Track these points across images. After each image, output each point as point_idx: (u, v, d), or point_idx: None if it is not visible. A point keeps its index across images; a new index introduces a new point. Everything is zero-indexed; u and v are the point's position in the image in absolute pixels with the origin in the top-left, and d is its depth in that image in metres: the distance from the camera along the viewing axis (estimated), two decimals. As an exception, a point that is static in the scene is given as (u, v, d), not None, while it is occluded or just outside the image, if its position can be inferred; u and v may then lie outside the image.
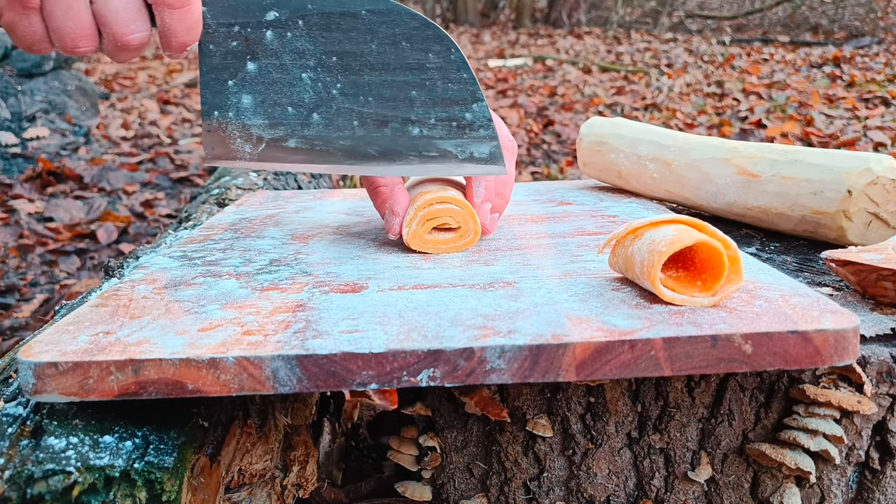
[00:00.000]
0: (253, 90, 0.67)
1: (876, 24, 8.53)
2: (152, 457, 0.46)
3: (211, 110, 0.67)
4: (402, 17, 0.65)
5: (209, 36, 0.65)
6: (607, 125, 1.04)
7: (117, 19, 0.61)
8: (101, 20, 0.61)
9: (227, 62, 0.66)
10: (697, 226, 0.54)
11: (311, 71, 0.66)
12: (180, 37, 0.63)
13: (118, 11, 0.60)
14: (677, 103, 4.58)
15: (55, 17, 0.60)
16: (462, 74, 0.66)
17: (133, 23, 0.61)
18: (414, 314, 0.52)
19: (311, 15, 0.65)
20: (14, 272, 2.01)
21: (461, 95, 0.66)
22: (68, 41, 0.61)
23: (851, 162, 0.74)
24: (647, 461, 0.62)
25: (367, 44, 0.65)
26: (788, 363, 0.46)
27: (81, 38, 0.61)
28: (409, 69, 0.66)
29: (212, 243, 0.76)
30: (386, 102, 0.67)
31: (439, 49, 0.65)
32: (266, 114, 0.67)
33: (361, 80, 0.66)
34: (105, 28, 0.61)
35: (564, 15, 10.83)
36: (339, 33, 0.65)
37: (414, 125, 0.67)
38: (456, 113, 0.67)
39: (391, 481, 0.74)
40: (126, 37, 0.61)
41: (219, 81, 0.67)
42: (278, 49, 0.66)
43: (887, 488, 0.59)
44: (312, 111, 0.67)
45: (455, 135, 0.67)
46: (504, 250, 0.70)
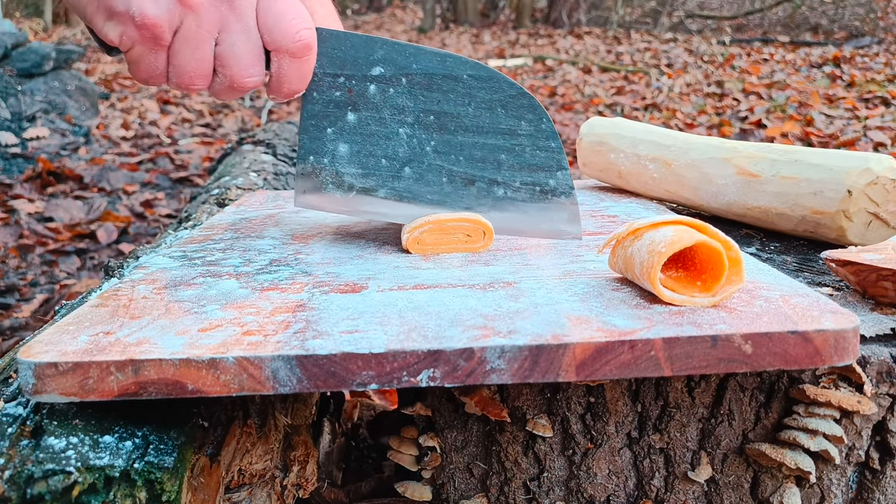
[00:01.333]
0: (350, 140, 0.70)
1: (876, 24, 8.53)
2: (152, 457, 0.46)
3: (307, 154, 0.70)
4: (501, 85, 0.68)
5: (314, 84, 0.68)
6: (607, 125, 1.04)
7: (238, 62, 0.63)
8: (221, 62, 0.63)
9: (328, 110, 0.69)
10: (698, 227, 0.53)
11: (409, 127, 0.69)
12: (293, 84, 0.65)
13: (241, 56, 0.63)
14: (677, 103, 4.58)
15: (180, 56, 0.62)
16: (550, 143, 0.69)
17: (252, 67, 0.63)
18: (414, 314, 0.52)
19: (415, 74, 0.68)
20: (14, 272, 2.01)
21: (547, 163, 0.70)
22: (186, 79, 0.63)
23: (851, 162, 0.74)
24: (647, 461, 0.62)
25: (465, 106, 0.69)
26: (788, 363, 0.46)
27: (199, 77, 0.63)
28: (501, 134, 0.69)
29: (212, 243, 0.76)
30: (475, 163, 0.70)
31: (532, 118, 0.69)
32: (360, 163, 0.70)
33: (455, 140, 0.69)
34: (224, 70, 0.63)
35: (564, 15, 10.83)
36: (439, 94, 0.68)
37: (499, 186, 0.70)
38: (540, 178, 0.70)
39: (391, 481, 0.74)
40: (243, 80, 0.63)
41: (318, 128, 0.69)
42: (379, 103, 0.69)
43: (887, 488, 0.59)
44: (405, 165, 0.70)
45: (537, 199, 0.71)
46: (504, 250, 0.70)
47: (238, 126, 4.25)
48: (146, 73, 0.64)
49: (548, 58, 7.16)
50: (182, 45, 0.62)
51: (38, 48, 4.15)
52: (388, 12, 14.72)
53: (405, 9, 14.97)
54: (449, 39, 9.98)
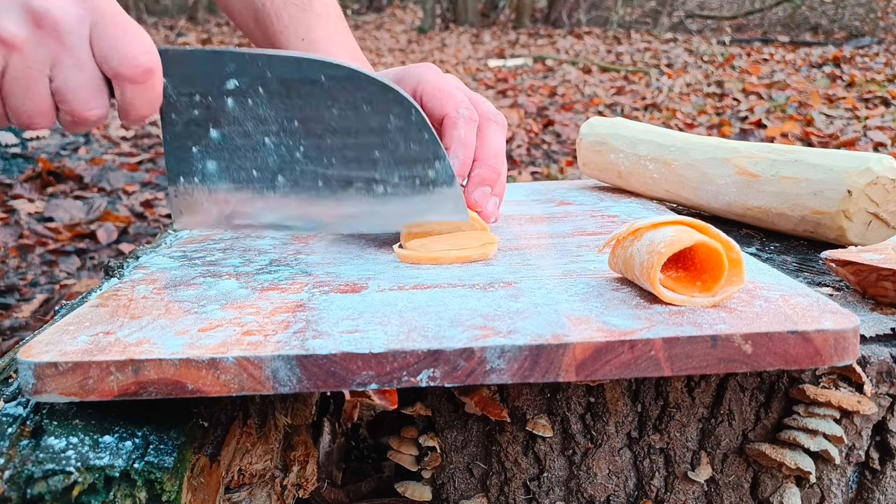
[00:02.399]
0: (217, 156, 0.67)
1: (876, 24, 8.53)
2: (152, 457, 0.46)
3: (176, 177, 0.68)
4: (362, 82, 0.66)
5: (170, 105, 0.66)
6: (607, 125, 1.04)
7: (76, 97, 0.60)
8: (59, 97, 0.60)
9: (189, 129, 0.66)
10: (699, 227, 0.53)
11: (274, 136, 0.67)
12: (140, 110, 0.63)
13: (77, 90, 0.60)
14: (677, 103, 4.58)
15: (13, 98, 0.59)
16: (423, 135, 0.67)
17: (92, 100, 0.60)
18: (414, 314, 0.52)
19: (271, 82, 0.65)
20: (14, 272, 2.01)
21: (423, 154, 0.67)
22: (25, 119, 0.60)
23: (851, 162, 0.74)
24: (647, 461, 0.62)
25: (328, 109, 0.66)
26: (788, 363, 0.46)
27: (38, 116, 0.60)
28: (371, 131, 0.67)
29: (212, 243, 0.76)
30: (349, 164, 0.67)
31: (399, 111, 0.66)
32: (231, 178, 0.68)
33: (324, 144, 0.67)
34: (63, 105, 0.60)
35: (564, 15, 10.83)
36: (299, 99, 0.66)
37: (379, 184, 0.68)
38: (419, 171, 0.68)
39: (391, 481, 0.74)
40: (85, 113, 0.61)
41: (183, 149, 0.67)
42: (240, 116, 0.66)
43: (887, 488, 0.59)
44: (277, 174, 0.67)
45: (419, 192, 0.68)
46: (504, 250, 0.70)
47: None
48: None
49: (548, 58, 7.16)
50: (13, 87, 0.59)
51: (38, 48, 4.14)
52: (388, 12, 14.72)
53: (405, 9, 14.97)
54: (449, 39, 9.98)
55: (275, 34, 0.91)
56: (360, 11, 14.71)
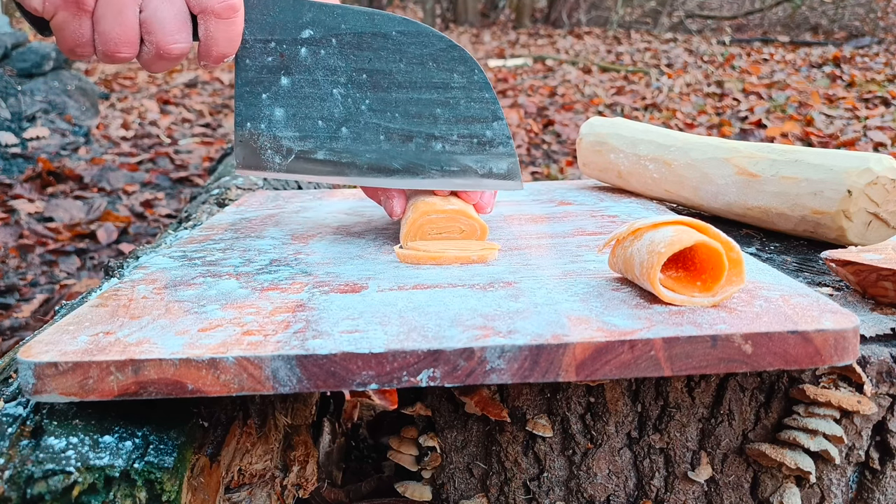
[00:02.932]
0: (285, 104, 0.70)
1: (876, 24, 8.53)
2: (152, 457, 0.46)
3: (244, 121, 0.70)
4: (430, 39, 0.68)
5: (246, 51, 0.68)
6: (607, 125, 1.04)
7: (164, 28, 0.62)
8: (146, 28, 0.62)
9: (261, 76, 0.69)
10: (699, 227, 0.53)
11: (342, 87, 0.69)
12: (221, 47, 0.65)
13: (165, 21, 0.62)
14: (677, 103, 4.58)
15: (104, 22, 0.61)
16: (484, 94, 0.69)
17: (178, 33, 0.63)
18: (414, 314, 0.52)
19: (344, 34, 0.68)
20: (14, 272, 2.01)
21: (482, 114, 0.70)
22: (111, 46, 0.63)
23: (851, 162, 0.74)
24: (647, 461, 0.62)
25: (396, 63, 0.69)
26: (788, 363, 0.46)
27: (124, 45, 0.63)
28: (435, 88, 0.69)
29: (212, 243, 0.76)
30: (411, 119, 0.70)
31: (463, 70, 0.69)
32: (297, 126, 0.70)
33: (389, 97, 0.69)
34: (149, 36, 0.63)
35: (564, 15, 10.83)
36: (369, 52, 0.68)
37: (437, 141, 0.70)
38: (477, 130, 0.70)
39: (391, 481, 0.74)
40: (169, 45, 0.63)
41: (253, 94, 0.70)
42: (311, 65, 0.69)
43: (887, 488, 0.59)
44: (341, 125, 0.70)
45: (476, 151, 0.70)
46: (504, 250, 0.70)
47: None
48: (72, 42, 0.63)
49: (548, 58, 7.16)
50: (105, 10, 0.61)
51: (37, 48, 4.15)
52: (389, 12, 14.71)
53: (405, 9, 14.97)
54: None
55: None
56: (360, 11, 14.69)
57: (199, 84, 5.69)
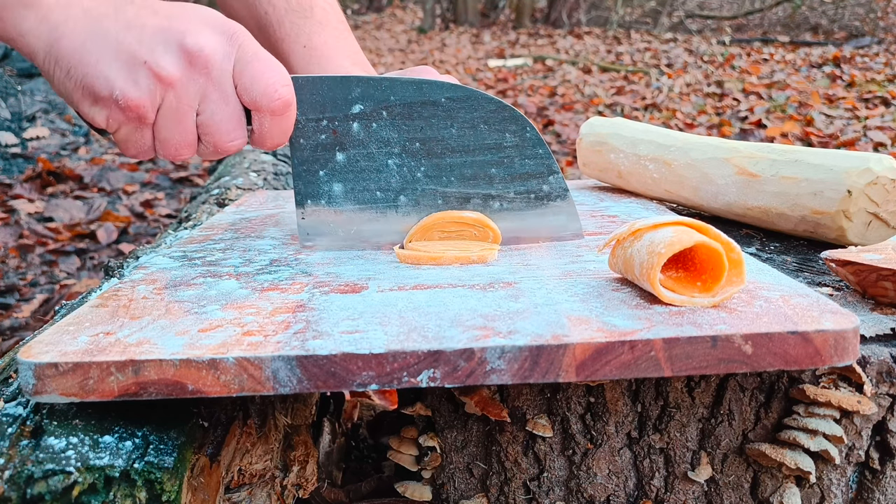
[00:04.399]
0: (343, 178, 0.71)
1: (876, 24, 8.53)
2: (152, 457, 0.46)
3: (304, 199, 0.72)
4: (480, 102, 0.70)
5: (299, 131, 0.70)
6: (607, 125, 1.04)
7: (220, 129, 0.64)
8: (203, 130, 0.64)
9: (317, 154, 0.71)
10: (699, 227, 0.53)
11: (397, 157, 0.71)
12: (275, 139, 0.67)
13: (221, 122, 0.64)
14: (677, 103, 4.58)
15: (164, 131, 0.64)
16: (538, 150, 0.71)
17: (234, 131, 0.65)
18: (414, 314, 0.52)
19: (394, 106, 0.70)
20: (14, 272, 2.01)
21: (538, 169, 0.71)
22: (172, 150, 0.65)
23: (851, 162, 0.74)
24: (647, 461, 0.62)
25: (448, 129, 0.70)
26: (788, 363, 0.46)
27: (184, 147, 0.65)
28: (488, 149, 0.71)
29: (212, 243, 0.76)
30: (467, 181, 0.71)
31: (515, 129, 0.70)
32: (356, 199, 0.72)
33: (444, 163, 0.71)
34: (207, 137, 0.65)
35: (564, 15, 10.83)
36: (420, 121, 0.70)
37: (495, 200, 0.72)
38: (533, 186, 0.71)
39: (391, 481, 0.74)
40: (226, 144, 0.65)
41: (310, 172, 0.71)
42: (365, 139, 0.70)
43: (887, 488, 0.59)
44: (399, 194, 0.71)
45: (533, 206, 0.72)
46: (504, 250, 0.70)
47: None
48: (135, 150, 0.66)
49: (548, 58, 7.16)
50: (165, 121, 0.63)
51: (38, 48, 4.14)
52: (388, 12, 14.72)
53: (405, 9, 14.97)
54: (449, 39, 9.98)
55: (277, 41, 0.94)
56: (360, 11, 14.71)
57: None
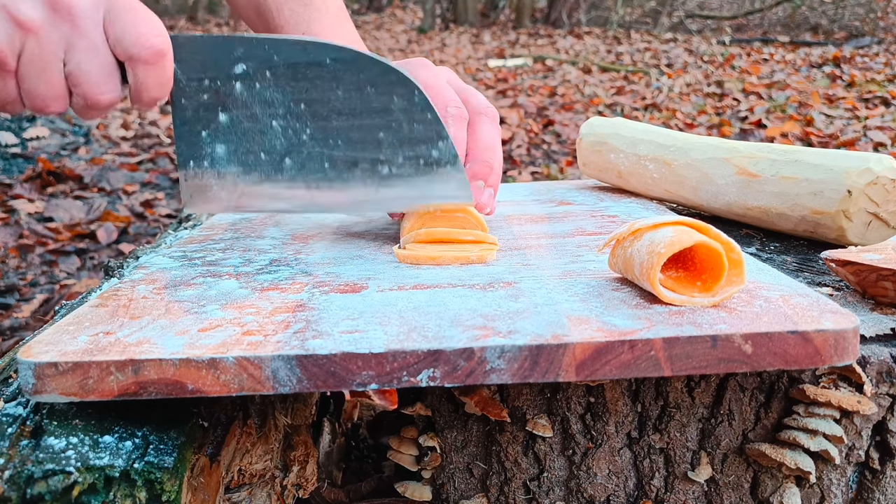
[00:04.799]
0: (226, 140, 0.69)
1: (876, 24, 8.53)
2: (152, 457, 0.46)
3: (186, 161, 0.70)
4: (366, 64, 0.67)
5: (181, 90, 0.67)
6: (607, 125, 1.04)
7: (89, 80, 0.61)
8: (72, 81, 0.61)
9: (199, 114, 0.68)
10: (700, 227, 0.53)
11: (281, 119, 0.68)
12: (152, 92, 0.64)
13: (90, 73, 0.61)
14: (677, 103, 4.58)
15: (28, 80, 0.61)
16: (426, 115, 0.68)
17: (105, 83, 0.62)
18: (414, 314, 0.52)
19: (278, 66, 0.67)
20: (14, 272, 2.01)
21: (427, 134, 0.69)
22: (39, 102, 0.62)
23: (851, 162, 0.74)
24: (647, 461, 0.62)
25: (334, 91, 0.68)
26: (788, 363, 0.46)
27: (52, 100, 0.62)
28: (375, 112, 0.68)
29: (212, 243, 0.76)
30: (354, 145, 0.69)
31: (403, 92, 0.68)
32: (240, 161, 0.69)
33: (330, 126, 0.68)
34: (77, 89, 0.62)
35: (564, 15, 10.83)
36: (305, 82, 0.67)
37: (383, 165, 0.69)
38: (422, 151, 0.69)
39: (391, 481, 0.74)
40: (97, 97, 0.62)
41: (192, 133, 0.69)
42: (248, 100, 0.68)
43: (887, 488, 0.59)
44: (284, 156, 0.69)
45: (423, 172, 0.69)
46: (504, 250, 0.70)
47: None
48: (1, 100, 0.63)
49: (548, 58, 7.16)
50: (28, 69, 0.60)
51: (38, 48, 4.14)
52: (388, 12, 14.72)
53: (405, 9, 14.97)
54: (449, 39, 9.98)
55: (276, 28, 0.93)
56: (360, 11, 14.71)
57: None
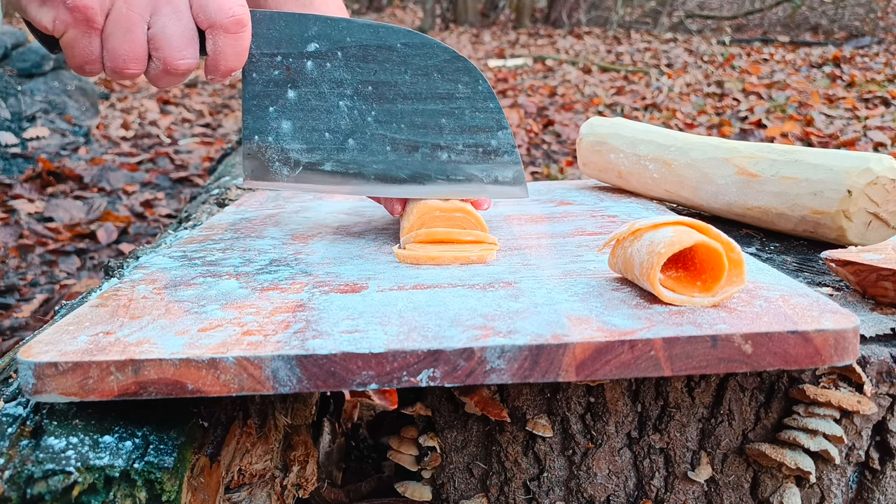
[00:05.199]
0: (292, 116, 0.71)
1: (876, 24, 8.53)
2: (152, 457, 0.46)
3: (252, 134, 0.72)
4: (434, 50, 0.70)
5: (253, 64, 0.69)
6: (607, 125, 1.04)
7: (171, 44, 0.63)
8: (154, 44, 0.63)
9: (268, 90, 0.70)
10: (700, 228, 0.53)
11: (348, 99, 0.70)
12: (229, 62, 0.66)
13: (172, 37, 0.63)
14: (677, 103, 4.58)
15: (113, 39, 0.63)
16: (489, 104, 0.70)
17: (185, 48, 0.64)
18: (414, 314, 0.52)
19: (350, 47, 0.69)
20: (14, 272, 2.01)
21: (487, 123, 0.71)
22: (120, 62, 0.64)
23: (851, 162, 0.74)
24: (647, 461, 0.62)
25: (401, 74, 0.70)
26: (788, 363, 0.46)
27: (133, 61, 0.64)
28: (440, 98, 0.70)
29: (212, 243, 0.76)
30: (417, 129, 0.71)
31: (468, 80, 0.70)
32: (304, 139, 0.71)
33: (395, 108, 0.71)
34: (157, 52, 0.64)
35: (564, 15, 10.83)
36: (374, 64, 0.70)
37: (443, 151, 0.71)
38: (482, 139, 0.71)
39: (391, 481, 0.74)
40: (176, 61, 0.64)
41: (260, 108, 0.71)
42: (318, 78, 0.70)
43: (887, 488, 0.59)
44: (348, 137, 0.71)
45: (481, 160, 0.72)
46: (504, 250, 0.70)
47: (238, 126, 4.25)
48: (81, 59, 0.64)
49: (548, 58, 7.16)
50: (114, 28, 0.62)
51: (38, 48, 4.14)
52: (388, 12, 14.72)
53: (405, 9, 14.97)
54: (449, 39, 9.97)
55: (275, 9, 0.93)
56: (360, 11, 14.71)
57: (199, 84, 5.69)
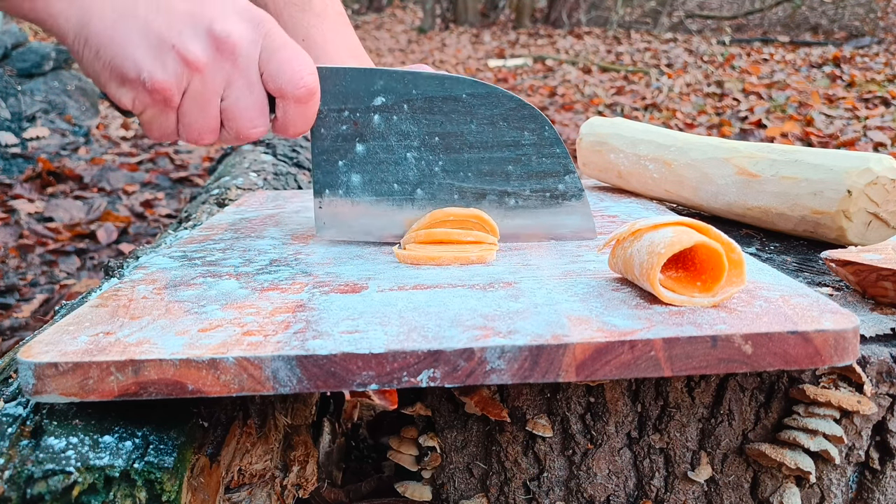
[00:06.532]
0: (361, 169, 0.72)
1: (876, 24, 8.53)
2: (152, 457, 0.46)
3: (322, 189, 0.73)
4: (500, 99, 0.70)
5: (321, 121, 0.71)
6: (607, 125, 1.04)
7: (243, 116, 0.65)
8: (227, 115, 0.65)
9: (337, 144, 0.72)
10: (700, 228, 0.53)
11: (415, 150, 0.72)
12: (298, 127, 0.68)
13: (245, 109, 0.65)
14: (677, 103, 4.58)
15: (189, 115, 0.65)
16: (555, 149, 0.71)
17: (258, 118, 0.66)
18: (414, 314, 0.52)
19: (416, 99, 0.70)
20: (14, 272, 2.01)
21: (554, 168, 0.72)
22: (195, 135, 0.66)
23: (851, 162, 0.74)
24: (647, 461, 0.62)
25: (467, 124, 0.71)
26: (788, 363, 0.46)
27: (207, 133, 0.66)
28: (506, 146, 0.71)
29: (212, 243, 0.76)
30: (484, 177, 0.72)
31: (534, 127, 0.71)
32: (373, 191, 0.73)
33: (461, 158, 0.72)
34: (229, 122, 0.66)
35: (564, 15, 10.83)
36: (441, 115, 0.71)
37: (510, 197, 0.72)
38: (549, 184, 0.72)
39: (391, 481, 0.74)
40: (249, 130, 0.66)
41: (330, 162, 0.72)
42: (385, 131, 0.71)
43: (887, 488, 0.59)
44: (416, 187, 0.72)
45: (548, 204, 0.72)
46: (504, 250, 0.70)
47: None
48: (158, 133, 0.67)
49: (548, 58, 7.16)
50: (190, 105, 0.64)
51: (37, 48, 4.15)
52: (388, 12, 14.71)
53: (405, 9, 14.97)
54: (449, 39, 9.98)
55: None
56: (360, 11, 14.70)
57: (199, 84, 5.68)
